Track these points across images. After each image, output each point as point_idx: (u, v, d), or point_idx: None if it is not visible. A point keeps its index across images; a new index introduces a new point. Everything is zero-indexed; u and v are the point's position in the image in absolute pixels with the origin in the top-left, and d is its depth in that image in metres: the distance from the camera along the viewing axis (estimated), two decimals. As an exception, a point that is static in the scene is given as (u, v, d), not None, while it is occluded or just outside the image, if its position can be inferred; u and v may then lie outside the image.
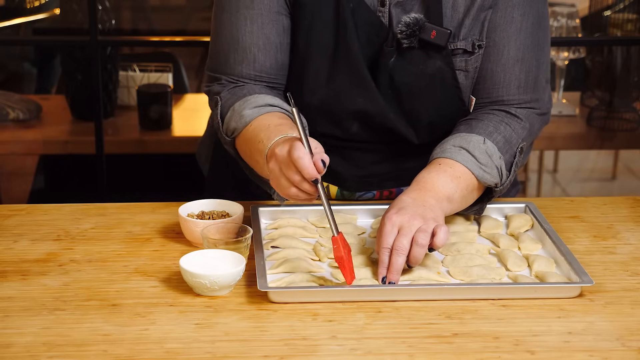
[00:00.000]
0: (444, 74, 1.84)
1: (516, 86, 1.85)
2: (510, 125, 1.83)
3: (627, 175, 5.06)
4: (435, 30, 1.79)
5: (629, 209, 1.96)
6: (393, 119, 1.85)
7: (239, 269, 1.57)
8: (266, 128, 1.70)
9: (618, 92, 3.64)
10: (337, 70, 1.83)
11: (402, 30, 1.80)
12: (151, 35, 4.46)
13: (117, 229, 1.82)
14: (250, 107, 1.76)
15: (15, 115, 3.39)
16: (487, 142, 1.77)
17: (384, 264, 1.60)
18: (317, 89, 1.84)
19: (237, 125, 1.77)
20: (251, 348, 1.41)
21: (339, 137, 1.89)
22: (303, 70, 1.85)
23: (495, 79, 1.85)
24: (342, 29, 1.81)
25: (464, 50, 1.83)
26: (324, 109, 1.86)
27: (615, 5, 3.81)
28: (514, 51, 1.83)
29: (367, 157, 1.92)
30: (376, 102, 1.84)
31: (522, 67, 1.84)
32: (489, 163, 1.76)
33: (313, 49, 1.83)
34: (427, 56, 1.82)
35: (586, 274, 1.60)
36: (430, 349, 1.42)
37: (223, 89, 1.85)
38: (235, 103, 1.80)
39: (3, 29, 4.06)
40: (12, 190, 4.07)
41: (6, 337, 1.43)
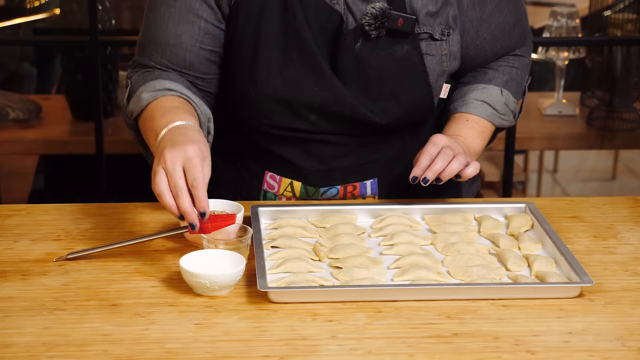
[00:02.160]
0: (412, 58, 1.86)
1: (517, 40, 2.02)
2: (518, 67, 2.02)
3: (627, 175, 5.06)
4: (402, 17, 1.83)
5: (629, 209, 1.96)
6: (353, 105, 1.85)
7: (239, 269, 1.57)
8: (162, 108, 1.77)
9: (618, 92, 3.64)
10: (289, 60, 1.84)
11: (370, 22, 1.82)
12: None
13: (117, 229, 1.82)
14: (149, 90, 1.83)
15: (15, 115, 3.39)
16: (504, 92, 1.98)
17: (421, 165, 1.76)
18: (271, 79, 1.84)
19: (134, 107, 1.84)
20: (251, 348, 1.41)
21: (299, 129, 1.89)
22: (255, 61, 1.85)
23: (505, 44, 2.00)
24: (291, 18, 1.82)
25: (430, 35, 1.87)
26: (280, 100, 1.86)
27: (615, 5, 3.82)
28: (510, 17, 1.97)
29: (329, 151, 1.92)
30: (333, 89, 1.84)
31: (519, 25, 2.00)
32: (507, 112, 1.98)
33: (263, 40, 1.84)
34: (394, 41, 1.85)
35: (586, 274, 1.60)
36: (430, 349, 1.42)
37: (134, 73, 1.91)
38: (139, 87, 1.86)
39: (3, 29, 4.06)
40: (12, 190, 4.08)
41: (6, 337, 1.43)
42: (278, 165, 1.94)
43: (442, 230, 1.80)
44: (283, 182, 1.95)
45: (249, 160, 1.97)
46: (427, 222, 1.85)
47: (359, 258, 1.67)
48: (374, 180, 1.96)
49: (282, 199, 1.96)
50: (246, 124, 1.91)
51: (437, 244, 1.75)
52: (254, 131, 1.91)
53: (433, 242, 1.76)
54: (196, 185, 1.60)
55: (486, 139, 1.96)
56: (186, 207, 1.60)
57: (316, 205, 1.86)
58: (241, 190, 1.98)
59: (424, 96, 1.90)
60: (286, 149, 1.91)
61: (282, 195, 1.96)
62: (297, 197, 1.96)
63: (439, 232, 1.79)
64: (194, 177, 1.60)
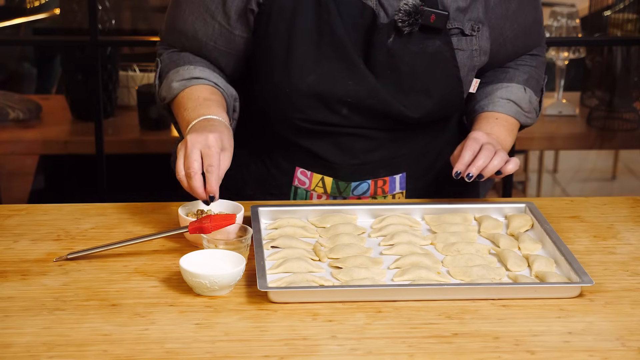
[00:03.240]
0: (444, 53, 1.89)
1: (536, 39, 2.06)
2: (536, 65, 2.06)
3: (627, 175, 5.06)
4: (434, 14, 1.85)
5: (629, 209, 1.96)
6: (386, 99, 1.87)
7: (239, 269, 1.57)
8: (195, 99, 1.85)
9: (618, 92, 3.64)
10: (323, 55, 1.85)
11: (403, 19, 1.84)
12: (151, 35, 4.45)
13: (117, 229, 1.82)
14: (178, 79, 1.90)
15: (15, 115, 3.39)
16: (527, 91, 2.01)
17: (464, 160, 1.80)
18: (305, 75, 1.86)
19: (166, 95, 1.91)
20: (251, 348, 1.41)
21: (332, 123, 1.90)
22: (289, 57, 1.86)
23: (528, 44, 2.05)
24: (325, 14, 1.84)
25: (461, 31, 1.89)
26: (314, 95, 1.87)
27: (615, 5, 3.82)
28: (532, 16, 2.01)
29: (360, 145, 1.94)
30: (366, 84, 1.86)
31: (538, 22, 2.05)
32: (531, 109, 2.02)
33: (297, 36, 1.85)
34: (426, 36, 1.87)
35: (586, 274, 1.60)
36: (430, 349, 1.42)
37: (164, 51, 1.98)
38: (170, 71, 1.93)
39: (3, 29, 4.06)
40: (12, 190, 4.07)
41: (6, 337, 1.43)
42: (309, 161, 1.96)
43: (442, 230, 1.80)
44: (314, 177, 1.96)
45: (279, 157, 1.97)
46: (427, 222, 1.85)
47: (359, 258, 1.67)
48: (402, 175, 1.98)
49: (313, 195, 1.97)
50: (278, 119, 1.93)
51: (437, 244, 1.75)
52: (285, 126, 1.93)
53: (433, 242, 1.77)
54: (210, 170, 1.69)
55: (514, 137, 2.00)
56: (197, 186, 1.69)
57: (316, 205, 1.86)
58: (270, 188, 1.98)
59: (455, 91, 1.92)
60: (317, 144, 1.93)
61: (314, 191, 1.96)
62: (329, 194, 1.97)
63: (439, 232, 1.79)
64: (210, 163, 1.69)
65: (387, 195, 1.98)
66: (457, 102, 1.95)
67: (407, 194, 2.00)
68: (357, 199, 1.97)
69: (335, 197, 1.97)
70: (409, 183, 1.99)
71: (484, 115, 1.98)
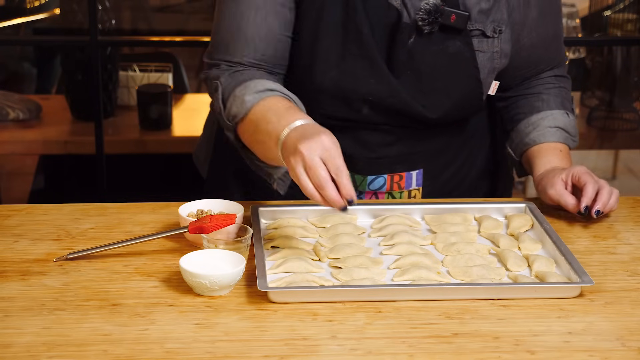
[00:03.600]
0: (464, 54, 1.89)
1: (554, 55, 2.05)
2: (564, 85, 2.06)
3: (627, 175, 5.06)
4: (455, 14, 1.85)
5: (629, 209, 1.96)
6: (406, 100, 1.88)
7: (239, 269, 1.57)
8: (275, 109, 1.73)
9: (618, 92, 3.64)
10: (347, 52, 1.86)
11: (423, 17, 1.85)
12: (151, 35, 4.46)
13: (117, 229, 1.82)
14: (251, 92, 1.78)
15: (15, 115, 3.39)
16: (569, 115, 2.02)
17: (588, 195, 1.81)
18: (328, 70, 1.86)
19: (238, 110, 1.78)
20: (251, 348, 1.41)
21: (350, 119, 1.91)
22: (314, 52, 1.87)
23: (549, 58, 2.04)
24: (352, 12, 1.84)
25: (482, 32, 1.89)
26: (335, 91, 1.88)
27: (615, 5, 3.82)
28: (552, 28, 2.00)
29: (377, 139, 1.94)
30: (388, 83, 1.87)
31: (558, 35, 2.04)
32: (575, 132, 2.03)
33: (323, 31, 1.85)
34: (447, 37, 1.87)
35: (586, 274, 1.60)
36: (430, 349, 1.42)
37: (222, 73, 1.86)
38: (235, 88, 1.81)
39: (3, 29, 4.06)
40: (12, 190, 4.08)
41: (6, 337, 1.43)
42: None
43: (442, 230, 1.80)
44: None
45: None
46: (427, 222, 1.85)
47: (359, 258, 1.67)
48: (419, 171, 1.98)
49: None
50: None
51: (437, 244, 1.75)
52: None
53: (433, 242, 1.76)
54: (339, 173, 1.58)
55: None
56: (333, 196, 1.58)
57: (316, 205, 1.86)
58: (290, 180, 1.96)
59: (475, 92, 1.93)
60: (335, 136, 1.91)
61: None
62: None
63: (439, 232, 1.79)
64: (336, 165, 1.58)
65: (404, 191, 1.98)
66: (476, 104, 1.96)
67: (424, 191, 2.00)
68: (372, 194, 1.97)
69: None
70: (425, 180, 2.00)
71: (545, 148, 1.98)
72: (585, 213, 1.82)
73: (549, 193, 1.87)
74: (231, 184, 2.04)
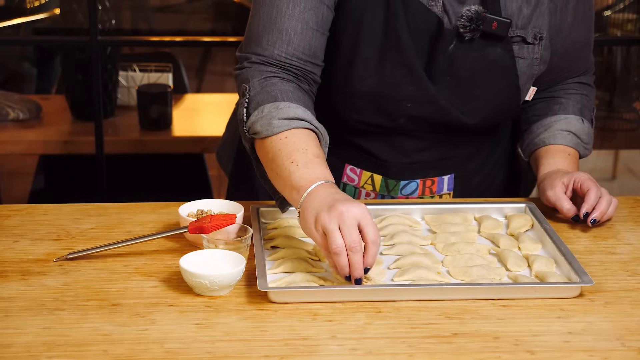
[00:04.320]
0: (504, 61, 1.88)
1: (583, 62, 2.04)
2: (587, 94, 2.04)
3: (627, 175, 5.05)
4: (497, 21, 1.84)
5: (629, 209, 1.96)
6: (444, 106, 1.88)
7: (239, 269, 1.57)
8: (303, 151, 1.68)
9: (618, 92, 3.64)
10: (387, 59, 1.85)
11: (465, 25, 1.84)
12: (151, 35, 4.46)
13: (117, 229, 1.82)
14: (281, 117, 1.73)
15: (15, 115, 3.39)
16: (584, 122, 2.00)
17: (590, 201, 1.81)
18: (367, 76, 1.86)
19: (262, 130, 1.73)
20: (251, 348, 1.41)
21: (386, 125, 1.90)
22: (353, 57, 1.86)
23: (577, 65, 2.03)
24: (392, 18, 1.84)
25: (523, 39, 1.88)
26: (374, 97, 1.88)
27: (615, 5, 3.82)
28: (584, 35, 1.99)
29: (411, 144, 1.94)
30: (427, 90, 1.87)
31: (588, 42, 2.03)
32: (589, 140, 2.01)
33: (363, 37, 1.85)
34: (487, 43, 1.87)
35: (586, 274, 1.60)
36: (430, 349, 1.42)
37: (253, 76, 1.81)
38: (265, 104, 1.76)
39: (3, 29, 4.06)
40: (12, 190, 4.08)
41: (6, 337, 1.43)
42: (359, 158, 1.96)
43: (442, 230, 1.80)
44: (364, 175, 1.96)
45: (328, 153, 1.89)
46: (427, 222, 1.85)
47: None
48: (451, 176, 1.99)
49: (361, 192, 1.97)
50: (335, 116, 1.91)
51: (437, 244, 1.75)
52: (340, 124, 1.92)
53: (433, 242, 1.77)
54: (372, 245, 1.55)
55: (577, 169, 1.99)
56: (358, 261, 1.54)
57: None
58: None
59: (513, 98, 1.92)
60: (369, 142, 1.93)
61: (362, 189, 1.97)
62: (377, 191, 1.97)
63: (439, 232, 1.79)
64: (372, 239, 1.55)
65: (435, 195, 1.98)
66: (513, 109, 1.96)
67: (455, 195, 2.01)
68: (405, 198, 1.97)
69: (384, 196, 1.98)
70: (457, 184, 2.00)
71: (553, 150, 1.97)
72: (580, 220, 1.83)
73: (547, 194, 1.87)
74: (258, 183, 2.03)
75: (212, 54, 5.08)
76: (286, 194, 1.68)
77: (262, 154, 1.76)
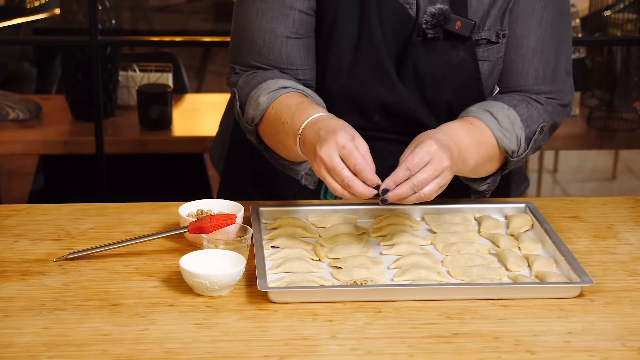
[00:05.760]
0: (467, 65, 1.87)
1: (534, 77, 1.88)
2: (532, 105, 1.86)
3: (627, 175, 5.06)
4: (460, 20, 1.82)
5: (629, 209, 1.96)
6: (414, 109, 1.87)
7: (239, 269, 1.57)
8: (287, 108, 1.74)
9: (618, 92, 3.64)
10: (359, 59, 1.85)
11: (427, 20, 1.83)
12: (151, 35, 4.46)
13: (117, 229, 1.82)
14: (265, 93, 1.79)
15: (15, 115, 3.39)
16: (510, 110, 1.82)
17: (396, 178, 1.62)
18: (339, 76, 1.86)
19: (255, 112, 1.80)
20: (251, 348, 1.41)
21: (361, 126, 1.90)
22: (326, 56, 1.86)
23: (514, 69, 1.88)
24: (366, 19, 1.83)
25: (488, 40, 1.86)
26: (346, 97, 1.88)
27: (615, 5, 3.82)
28: (534, 42, 1.86)
29: (389, 147, 1.93)
30: (396, 92, 1.86)
31: (541, 59, 1.87)
32: (510, 129, 1.80)
33: (336, 36, 1.85)
34: (451, 46, 1.85)
35: (586, 274, 1.60)
36: (430, 349, 1.42)
37: (238, 78, 1.89)
38: (251, 92, 1.83)
39: (3, 29, 4.06)
40: (12, 190, 4.08)
41: (6, 337, 1.43)
42: None
43: (442, 230, 1.80)
44: None
45: None
46: (427, 222, 1.85)
47: (359, 258, 1.67)
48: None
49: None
50: None
51: (437, 244, 1.75)
52: None
53: (433, 242, 1.77)
54: (360, 168, 1.59)
55: (483, 155, 1.78)
56: (361, 189, 1.59)
57: (316, 205, 1.86)
58: (302, 189, 1.96)
59: (476, 102, 1.87)
60: None
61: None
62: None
63: (439, 232, 1.79)
64: (354, 162, 1.59)
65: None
66: None
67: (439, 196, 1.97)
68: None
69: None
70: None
71: (460, 119, 1.81)
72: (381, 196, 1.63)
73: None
74: (247, 183, 2.04)
75: (212, 54, 5.08)
76: (295, 154, 1.73)
77: (267, 138, 1.82)
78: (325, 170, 1.61)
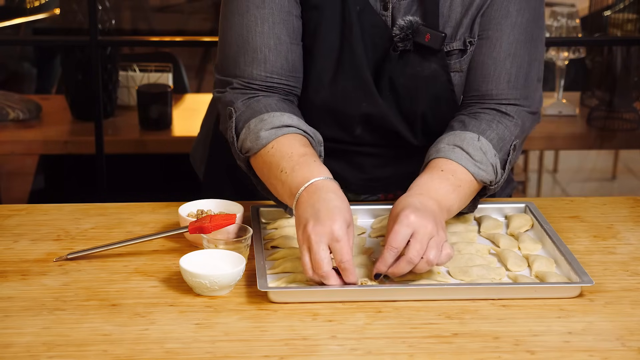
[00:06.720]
0: (440, 77, 1.84)
1: (506, 80, 1.82)
2: (503, 123, 1.80)
3: (627, 175, 5.06)
4: (430, 33, 1.79)
5: (629, 209, 1.96)
6: (394, 121, 1.86)
7: (239, 269, 1.57)
8: (288, 157, 1.68)
9: (618, 92, 3.64)
10: (340, 72, 1.83)
11: (396, 33, 1.80)
12: (151, 35, 4.46)
13: (117, 229, 1.82)
14: (267, 127, 1.73)
15: (15, 115, 3.39)
16: (481, 139, 1.75)
17: (385, 262, 1.56)
18: (320, 89, 1.84)
19: (252, 145, 1.73)
20: (251, 348, 1.41)
21: (343, 140, 1.89)
22: (308, 69, 1.84)
23: (485, 71, 1.83)
24: (348, 31, 1.81)
25: (460, 50, 1.83)
26: (328, 110, 1.86)
27: (615, 5, 3.82)
28: (506, 45, 1.82)
29: (370, 161, 1.92)
30: (377, 105, 1.84)
31: (514, 62, 1.82)
32: (484, 160, 1.74)
33: (318, 49, 1.83)
34: (423, 58, 1.82)
35: (586, 274, 1.60)
36: (430, 349, 1.42)
37: (236, 98, 1.81)
38: (250, 120, 1.75)
39: (3, 29, 4.06)
40: (12, 190, 4.08)
41: (6, 337, 1.43)
42: None
43: (442, 230, 1.80)
44: None
45: None
46: (427, 222, 1.84)
47: (359, 258, 1.67)
48: None
49: None
50: None
51: (437, 244, 1.75)
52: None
53: (433, 242, 1.76)
54: (345, 267, 1.54)
55: (464, 196, 1.72)
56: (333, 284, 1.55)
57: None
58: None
59: (452, 113, 1.86)
60: (328, 160, 1.83)
61: None
62: None
63: (439, 232, 1.79)
64: (342, 259, 1.53)
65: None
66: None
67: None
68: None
69: None
70: None
71: (430, 165, 1.74)
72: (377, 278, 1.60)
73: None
74: (227, 187, 2.03)
75: (212, 54, 5.07)
76: (286, 203, 1.68)
77: (259, 172, 1.76)
78: (307, 250, 1.54)
